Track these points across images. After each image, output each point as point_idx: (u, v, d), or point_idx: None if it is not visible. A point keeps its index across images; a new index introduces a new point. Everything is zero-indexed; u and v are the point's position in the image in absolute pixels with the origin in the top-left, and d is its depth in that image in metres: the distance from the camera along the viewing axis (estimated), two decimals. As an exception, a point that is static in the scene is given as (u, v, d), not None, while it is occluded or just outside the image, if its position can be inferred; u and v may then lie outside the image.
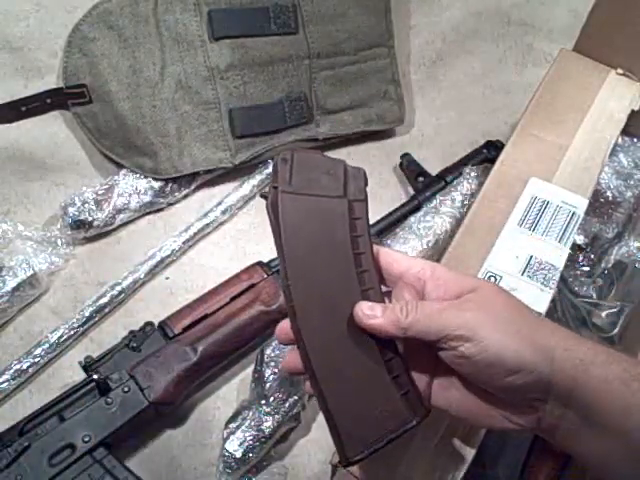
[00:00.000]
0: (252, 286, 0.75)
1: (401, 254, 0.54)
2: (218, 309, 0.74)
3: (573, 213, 0.67)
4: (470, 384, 0.50)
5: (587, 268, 0.78)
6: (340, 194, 0.51)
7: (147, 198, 0.84)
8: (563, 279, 0.75)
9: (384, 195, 0.89)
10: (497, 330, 0.46)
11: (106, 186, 0.83)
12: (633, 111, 0.75)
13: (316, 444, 0.73)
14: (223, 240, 0.86)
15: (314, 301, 0.48)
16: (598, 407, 0.46)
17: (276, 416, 0.69)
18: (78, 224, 0.80)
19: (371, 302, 0.49)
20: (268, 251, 0.83)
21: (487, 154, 0.86)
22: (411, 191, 0.87)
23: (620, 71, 0.76)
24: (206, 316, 0.73)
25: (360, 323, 0.48)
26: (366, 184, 0.53)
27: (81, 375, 0.69)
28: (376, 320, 0.48)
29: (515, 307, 0.49)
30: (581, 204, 0.68)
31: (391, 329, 0.48)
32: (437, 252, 0.77)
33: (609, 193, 0.79)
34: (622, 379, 0.46)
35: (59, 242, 0.81)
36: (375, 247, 0.52)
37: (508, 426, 0.50)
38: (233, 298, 0.74)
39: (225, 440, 0.69)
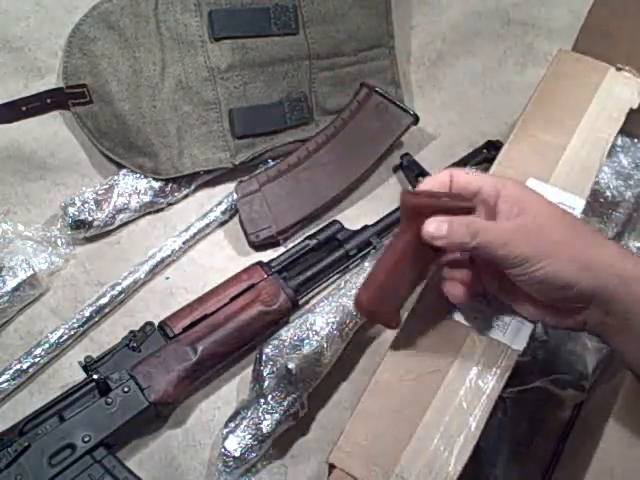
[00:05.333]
0: (252, 286, 0.75)
1: (475, 175, 0.59)
2: (218, 309, 0.74)
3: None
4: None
5: (587, 268, 0.77)
6: None
7: (147, 198, 0.84)
8: (563, 279, 0.75)
9: (384, 195, 0.89)
10: (548, 257, 0.53)
11: (106, 186, 0.83)
12: (633, 111, 0.75)
13: (316, 444, 0.74)
14: (223, 240, 0.86)
15: None
16: (634, 318, 0.53)
17: (275, 415, 0.69)
18: (78, 224, 0.81)
19: (438, 220, 0.54)
20: (268, 251, 0.84)
21: (487, 154, 0.86)
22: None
23: (619, 66, 0.76)
24: (206, 316, 0.73)
25: (425, 241, 0.55)
26: None
27: (81, 375, 0.69)
28: (441, 241, 0.54)
29: (569, 231, 0.55)
30: (578, 205, 0.68)
31: (455, 248, 0.55)
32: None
33: (609, 193, 0.79)
34: None
35: (59, 242, 0.81)
36: (449, 170, 0.58)
37: (561, 325, 0.58)
38: (233, 298, 0.74)
39: (224, 439, 0.69)
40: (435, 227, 0.54)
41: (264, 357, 0.70)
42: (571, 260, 0.53)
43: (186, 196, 0.87)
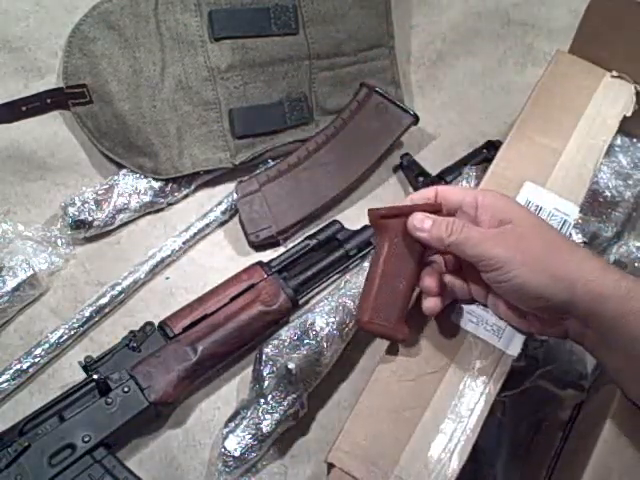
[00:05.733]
0: (252, 286, 0.75)
1: (457, 188, 0.63)
2: (218, 309, 0.74)
3: (565, 221, 0.67)
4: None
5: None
6: None
7: (147, 198, 0.84)
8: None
9: (384, 195, 0.89)
10: (523, 265, 0.54)
11: (106, 186, 0.83)
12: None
13: (316, 444, 0.74)
14: (223, 240, 0.86)
15: None
16: (612, 334, 0.53)
17: (275, 415, 0.69)
18: (78, 224, 0.81)
19: (424, 215, 0.58)
20: (268, 251, 0.84)
21: (487, 154, 0.86)
22: (411, 191, 0.87)
23: (615, 74, 0.76)
24: (206, 316, 0.73)
25: (410, 232, 0.58)
26: None
27: (81, 375, 0.70)
28: (423, 234, 0.57)
29: (548, 243, 0.56)
30: (572, 212, 0.68)
31: (435, 244, 0.57)
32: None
33: (607, 193, 0.79)
34: (637, 315, 0.52)
35: (59, 242, 0.81)
36: (434, 187, 0.61)
37: (544, 334, 0.60)
38: (233, 298, 0.75)
39: (224, 439, 0.69)
40: (419, 220, 0.57)
41: (264, 357, 0.70)
42: (544, 273, 0.54)
43: (186, 196, 0.87)
